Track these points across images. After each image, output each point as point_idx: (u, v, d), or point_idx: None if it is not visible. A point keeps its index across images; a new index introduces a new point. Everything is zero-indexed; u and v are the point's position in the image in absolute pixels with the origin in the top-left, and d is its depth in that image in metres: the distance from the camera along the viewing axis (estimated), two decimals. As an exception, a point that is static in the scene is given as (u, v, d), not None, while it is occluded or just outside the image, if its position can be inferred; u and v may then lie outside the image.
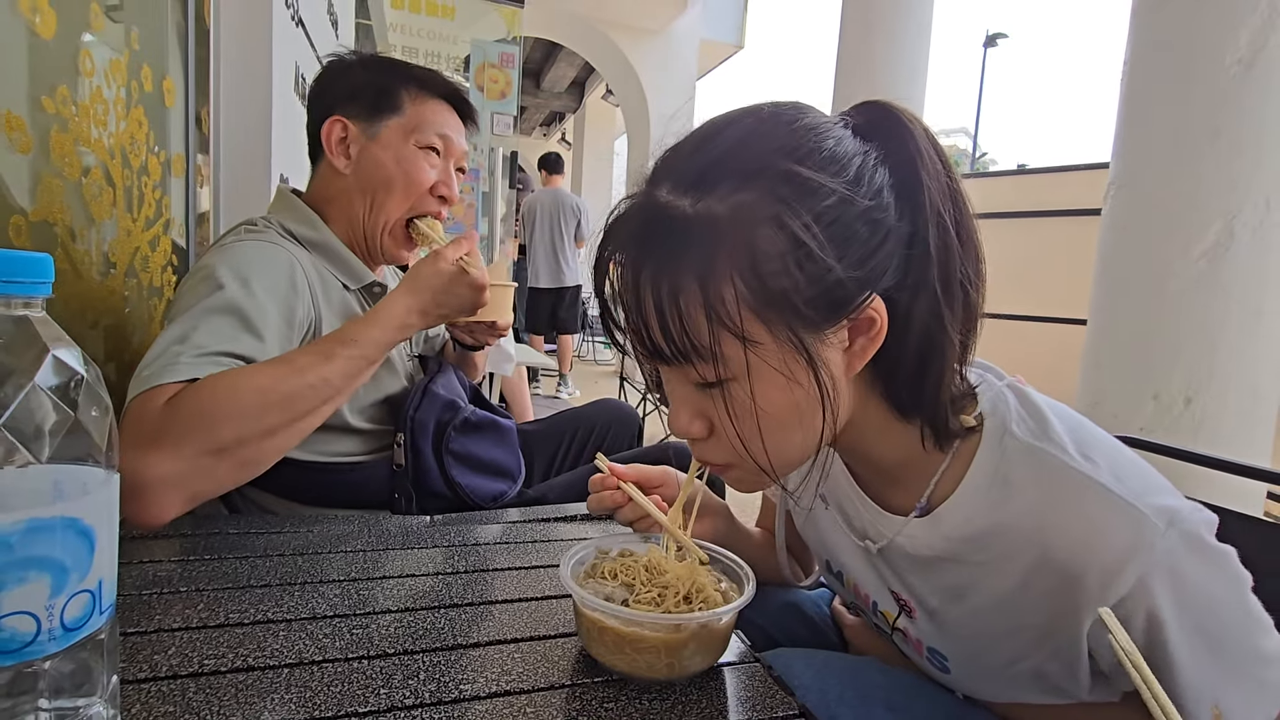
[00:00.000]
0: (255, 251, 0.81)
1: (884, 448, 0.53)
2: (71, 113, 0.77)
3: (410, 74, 0.96)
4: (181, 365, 0.65)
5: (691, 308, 0.43)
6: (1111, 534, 0.44)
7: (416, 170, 0.94)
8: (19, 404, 0.27)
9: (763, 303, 0.43)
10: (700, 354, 0.44)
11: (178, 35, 1.09)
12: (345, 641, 0.51)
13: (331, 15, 1.97)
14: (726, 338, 0.43)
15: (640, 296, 0.45)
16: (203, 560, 0.64)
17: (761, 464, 0.47)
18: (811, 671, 0.56)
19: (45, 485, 0.28)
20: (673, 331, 0.44)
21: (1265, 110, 1.57)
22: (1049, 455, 0.47)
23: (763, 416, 0.46)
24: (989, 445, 0.50)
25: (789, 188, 0.43)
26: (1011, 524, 0.48)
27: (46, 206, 0.73)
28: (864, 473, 0.59)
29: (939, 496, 0.52)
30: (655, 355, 0.46)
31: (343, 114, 0.92)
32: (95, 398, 0.30)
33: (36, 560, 0.27)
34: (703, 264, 0.43)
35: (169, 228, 1.06)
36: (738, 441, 0.47)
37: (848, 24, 3.43)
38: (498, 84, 3.47)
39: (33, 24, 0.70)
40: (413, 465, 0.93)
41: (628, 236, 0.47)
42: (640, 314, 0.45)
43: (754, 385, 0.45)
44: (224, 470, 0.65)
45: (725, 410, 0.46)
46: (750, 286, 0.43)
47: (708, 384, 0.46)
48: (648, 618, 0.46)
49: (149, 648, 0.48)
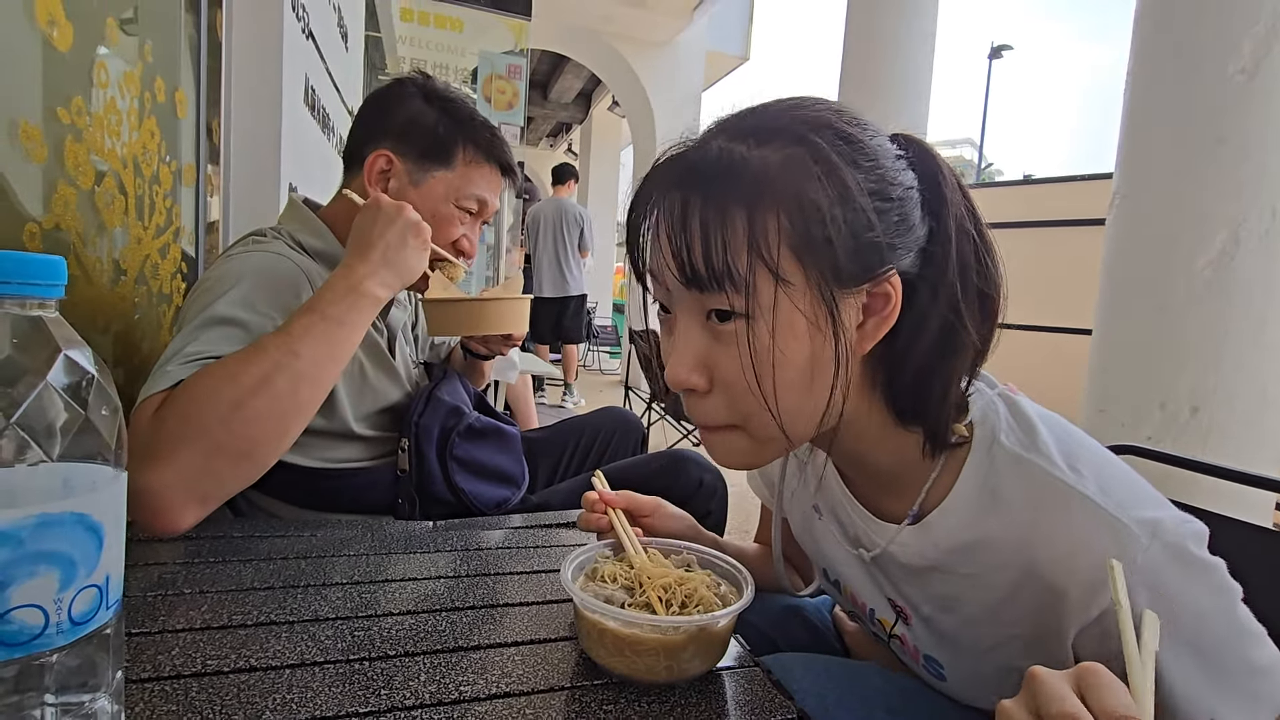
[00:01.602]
0: (258, 262, 0.81)
1: (880, 453, 0.53)
2: (86, 123, 0.78)
3: (472, 133, 0.95)
4: (169, 374, 0.66)
5: (735, 235, 0.45)
6: (1094, 547, 0.44)
7: (447, 228, 0.94)
8: (31, 402, 0.28)
9: (802, 244, 0.45)
10: (734, 281, 0.45)
11: (190, 47, 1.11)
12: (347, 643, 0.51)
13: (342, 28, 2.00)
14: (761, 270, 0.45)
15: (687, 222, 0.46)
16: (207, 563, 0.64)
17: (762, 422, 0.47)
18: (810, 676, 0.56)
19: (55, 482, 0.29)
20: (714, 254, 0.45)
21: (1269, 119, 1.57)
22: (1036, 466, 0.48)
23: (778, 361, 0.46)
24: (978, 455, 0.50)
25: (843, 148, 0.46)
26: (998, 536, 0.49)
27: (60, 214, 0.74)
28: (858, 480, 0.59)
29: (930, 505, 0.52)
30: (691, 281, 0.46)
31: (392, 149, 0.92)
32: (105, 397, 0.31)
33: (46, 555, 0.28)
34: (752, 198, 0.45)
35: (179, 236, 1.07)
36: (744, 392, 0.46)
37: (851, 36, 3.46)
38: (504, 95, 3.51)
39: (50, 36, 0.72)
40: (416, 471, 0.94)
41: (679, 174, 0.48)
42: (685, 237, 0.46)
43: (776, 324, 0.45)
44: (222, 466, 0.64)
45: (739, 351, 0.46)
46: (794, 227, 0.44)
47: (726, 318, 0.46)
48: (647, 620, 0.47)
49: (153, 648, 0.48)
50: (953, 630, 0.54)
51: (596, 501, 0.65)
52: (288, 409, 0.68)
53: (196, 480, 0.62)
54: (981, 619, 0.52)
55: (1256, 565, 0.78)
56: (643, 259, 0.51)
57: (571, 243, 4.91)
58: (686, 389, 0.49)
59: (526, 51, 3.58)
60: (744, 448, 0.51)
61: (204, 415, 0.63)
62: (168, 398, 0.64)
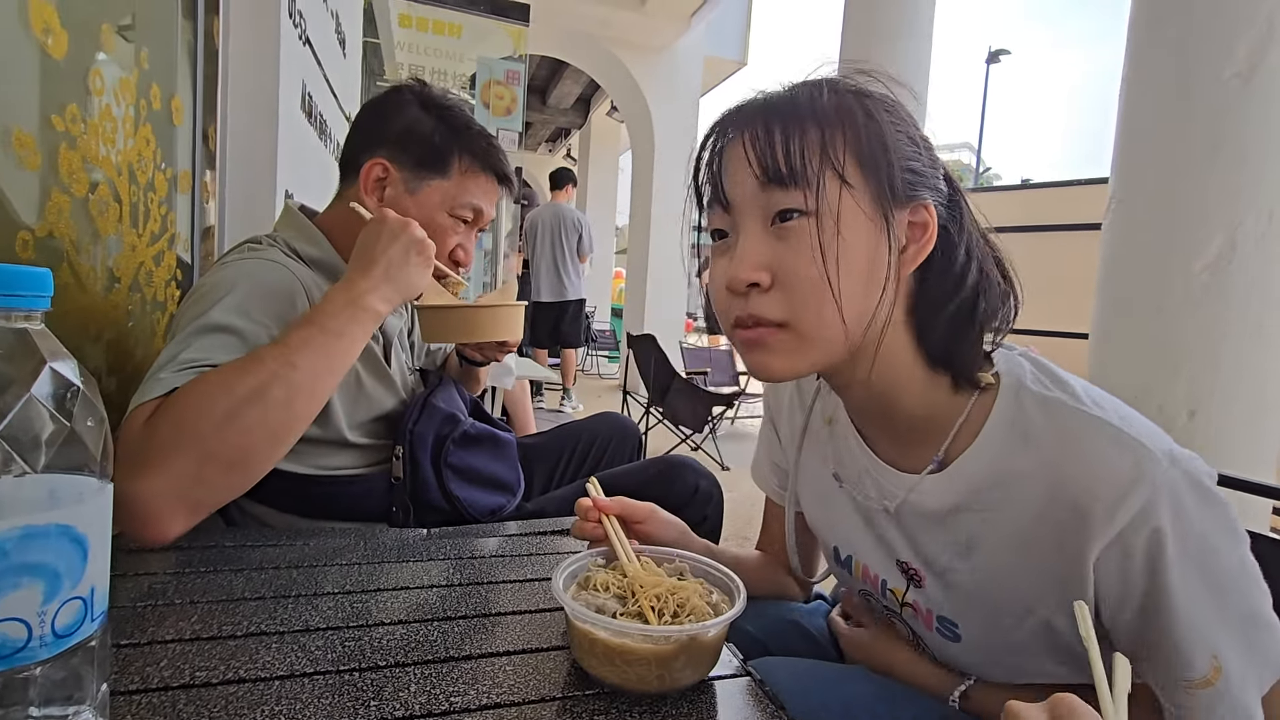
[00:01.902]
0: (253, 269, 0.81)
1: (910, 396, 0.57)
2: (80, 130, 0.78)
3: (468, 143, 0.95)
4: (161, 381, 0.65)
5: (810, 142, 0.52)
6: (1117, 464, 0.48)
7: (442, 237, 0.94)
8: (15, 414, 0.27)
9: (863, 156, 0.52)
10: (808, 179, 0.51)
11: (187, 54, 1.11)
12: (337, 654, 0.51)
13: (339, 34, 2.00)
14: (830, 171, 0.51)
15: (770, 133, 0.52)
16: (198, 573, 0.64)
17: (817, 317, 0.52)
18: (795, 679, 0.56)
19: (40, 493, 0.29)
20: (793, 154, 0.51)
21: (1265, 123, 1.58)
22: (1061, 402, 0.52)
23: (841, 253, 0.51)
24: (1005, 398, 0.55)
25: (889, 102, 0.55)
26: (1025, 469, 0.52)
27: (53, 222, 0.74)
28: (880, 437, 0.63)
29: (955, 451, 0.56)
30: (772, 179, 0.52)
31: (388, 157, 0.92)
32: (91, 409, 0.30)
33: (30, 567, 0.28)
34: (823, 118, 0.52)
35: (174, 243, 1.07)
36: (797, 285, 0.51)
37: (848, 42, 3.47)
38: (503, 100, 3.52)
39: (45, 44, 0.72)
40: (411, 478, 0.93)
41: (757, 110, 0.55)
42: (768, 142, 0.52)
43: (841, 220, 0.51)
44: (214, 475, 0.63)
45: (800, 249, 0.51)
46: (857, 141, 0.52)
47: (789, 217, 0.52)
48: (637, 630, 0.47)
49: (141, 659, 0.48)
50: (971, 577, 0.56)
51: (590, 509, 0.64)
52: (282, 419, 0.67)
53: (187, 489, 0.62)
54: (1004, 554, 0.54)
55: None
56: (709, 190, 0.57)
57: (570, 248, 4.92)
58: (750, 284, 0.53)
59: (525, 57, 3.59)
60: (789, 348, 0.54)
61: (198, 423, 0.63)
62: (161, 405, 0.64)
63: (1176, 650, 0.48)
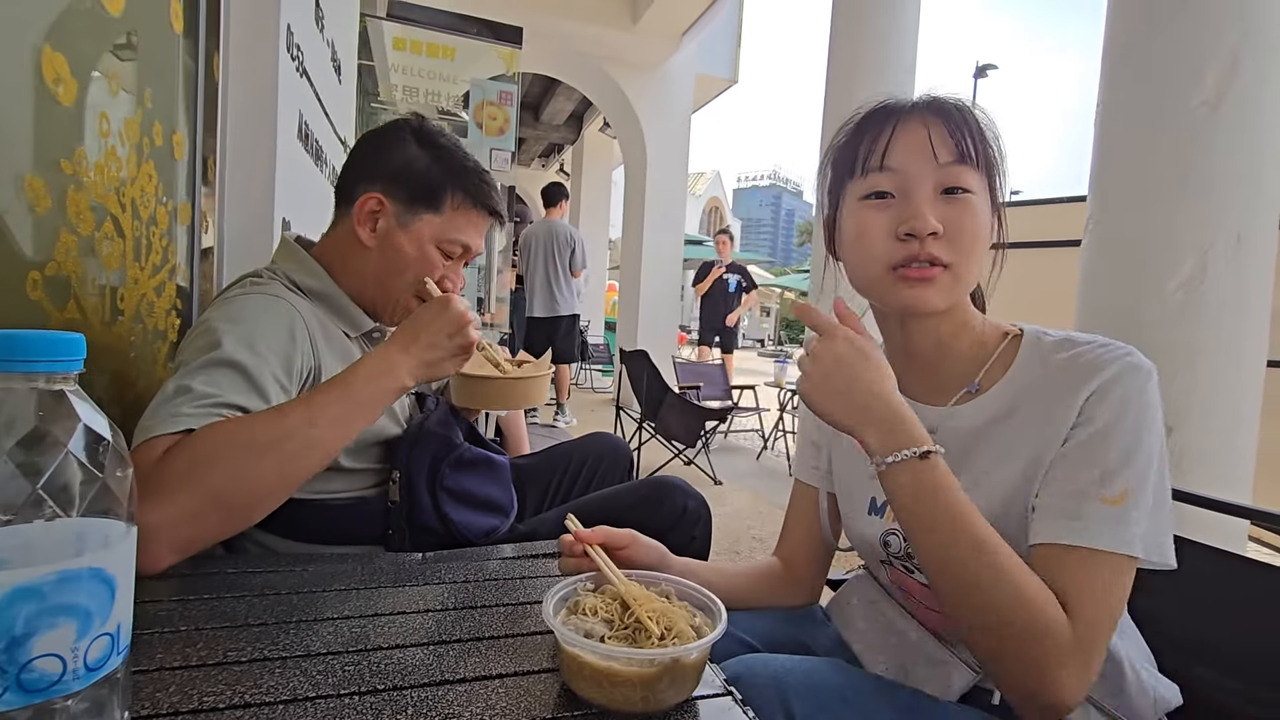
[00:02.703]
0: (256, 305, 0.84)
1: (965, 333, 0.74)
2: (86, 171, 0.82)
3: (462, 181, 0.99)
4: (179, 417, 0.68)
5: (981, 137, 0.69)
6: (1109, 350, 0.65)
7: (429, 268, 0.98)
8: (55, 469, 0.30)
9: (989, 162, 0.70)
10: (984, 165, 0.69)
11: (188, 90, 1.15)
12: (338, 678, 0.53)
13: (335, 62, 2.05)
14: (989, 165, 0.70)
15: (963, 124, 0.68)
16: (201, 599, 0.67)
17: (969, 263, 0.68)
18: (769, 672, 0.60)
19: (73, 538, 0.32)
20: (978, 146, 0.69)
21: (1232, 151, 1.64)
22: (1075, 336, 0.69)
23: (981, 227, 0.68)
24: (1030, 339, 0.72)
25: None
26: (1042, 377, 0.68)
27: (61, 260, 0.77)
28: (920, 374, 0.76)
29: (988, 381, 0.71)
30: (962, 158, 0.68)
31: (383, 191, 0.95)
32: (119, 460, 0.33)
33: (65, 607, 0.31)
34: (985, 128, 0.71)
35: (174, 273, 1.10)
36: (964, 238, 0.67)
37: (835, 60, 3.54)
38: (496, 121, 3.57)
39: (55, 93, 0.75)
40: (407, 502, 0.96)
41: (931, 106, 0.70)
42: (963, 134, 0.68)
43: (994, 203, 0.70)
44: (216, 517, 0.67)
45: (965, 212, 0.67)
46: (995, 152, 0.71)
47: (958, 190, 0.68)
48: (622, 653, 0.49)
49: (150, 686, 0.51)
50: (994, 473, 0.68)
51: (574, 543, 0.68)
52: (291, 472, 0.71)
53: (186, 527, 0.65)
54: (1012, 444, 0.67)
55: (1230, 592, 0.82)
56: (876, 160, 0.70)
57: (562, 263, 4.96)
58: (930, 233, 0.67)
59: (518, 77, 3.65)
60: (947, 284, 0.68)
61: (213, 468, 0.66)
62: (180, 442, 0.67)
63: (1105, 471, 0.61)
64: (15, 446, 0.30)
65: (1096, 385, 0.63)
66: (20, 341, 0.31)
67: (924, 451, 0.60)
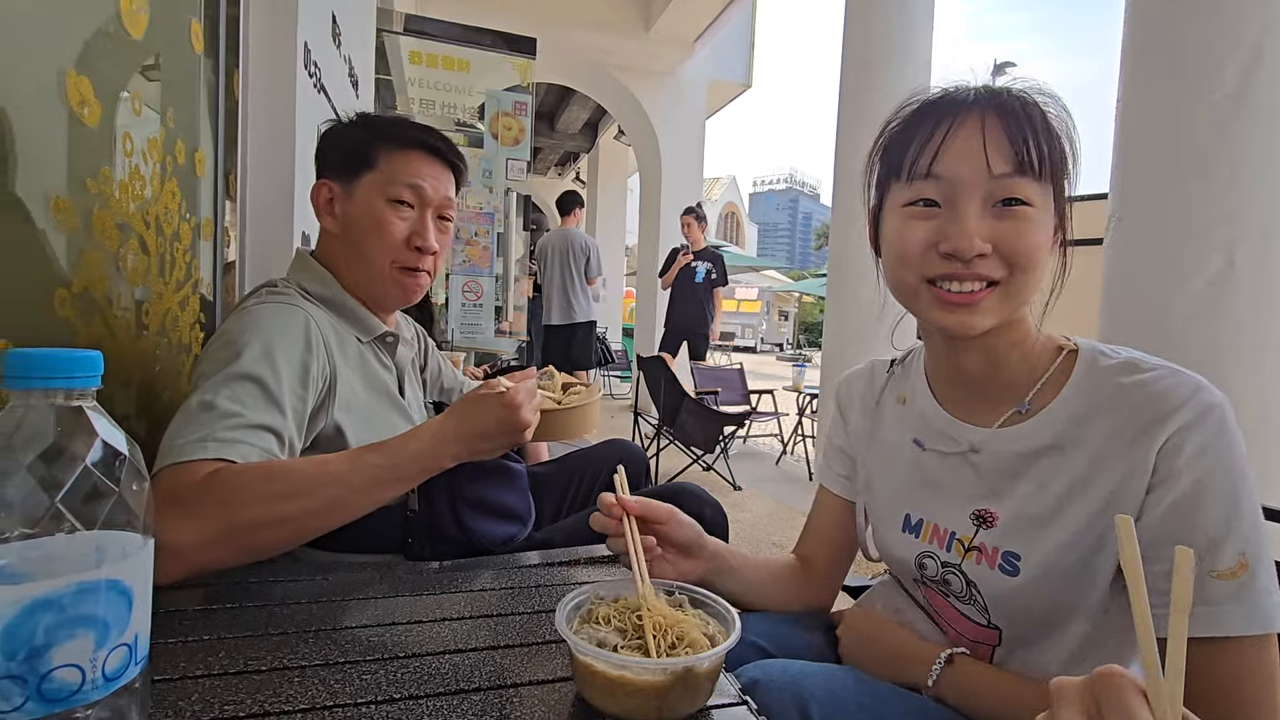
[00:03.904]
0: (272, 314, 0.86)
1: (1016, 351, 0.68)
2: (112, 190, 0.84)
3: (387, 131, 0.99)
4: (211, 442, 0.70)
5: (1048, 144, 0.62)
6: (1179, 384, 0.58)
7: (385, 224, 0.96)
8: (73, 482, 0.31)
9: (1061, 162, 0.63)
10: (1039, 174, 0.61)
11: (209, 108, 1.17)
12: (355, 687, 0.54)
13: (352, 77, 2.08)
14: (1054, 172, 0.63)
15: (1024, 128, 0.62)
16: (224, 609, 0.68)
17: (1024, 279, 0.63)
18: (787, 677, 0.59)
19: (91, 551, 0.33)
20: (1043, 155, 0.61)
21: (1256, 143, 1.60)
22: (1135, 356, 0.63)
23: (1042, 240, 0.63)
24: (1086, 355, 0.66)
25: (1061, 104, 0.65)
26: (1104, 403, 0.62)
27: (88, 278, 0.79)
28: (965, 393, 0.72)
29: (1040, 400, 0.66)
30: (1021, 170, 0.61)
31: (329, 177, 0.98)
32: (135, 474, 0.34)
33: (84, 619, 0.31)
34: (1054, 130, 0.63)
35: (198, 287, 1.12)
36: (1018, 256, 0.62)
37: (849, 61, 3.53)
38: (511, 131, 3.60)
39: (80, 115, 0.77)
40: (426, 511, 0.97)
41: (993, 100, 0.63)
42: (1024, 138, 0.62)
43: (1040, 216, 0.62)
44: (230, 551, 0.69)
45: (1022, 228, 0.62)
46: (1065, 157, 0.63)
47: (1015, 203, 0.62)
48: (635, 663, 0.49)
49: (174, 694, 0.51)
50: (1041, 506, 0.63)
51: (614, 505, 0.68)
52: (316, 526, 0.74)
53: (206, 552, 0.67)
54: (1074, 479, 0.62)
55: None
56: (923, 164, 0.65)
57: (578, 271, 4.98)
58: (976, 255, 0.62)
59: (532, 87, 3.68)
60: (995, 304, 0.64)
61: (242, 511, 0.68)
62: (218, 473, 0.69)
63: (1210, 542, 0.53)
64: (35, 461, 0.31)
65: (1171, 434, 0.57)
66: (39, 359, 0.31)
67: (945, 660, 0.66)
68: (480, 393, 0.84)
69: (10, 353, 0.32)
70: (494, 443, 0.85)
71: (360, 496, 0.75)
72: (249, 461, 0.72)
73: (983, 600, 0.67)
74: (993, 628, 0.67)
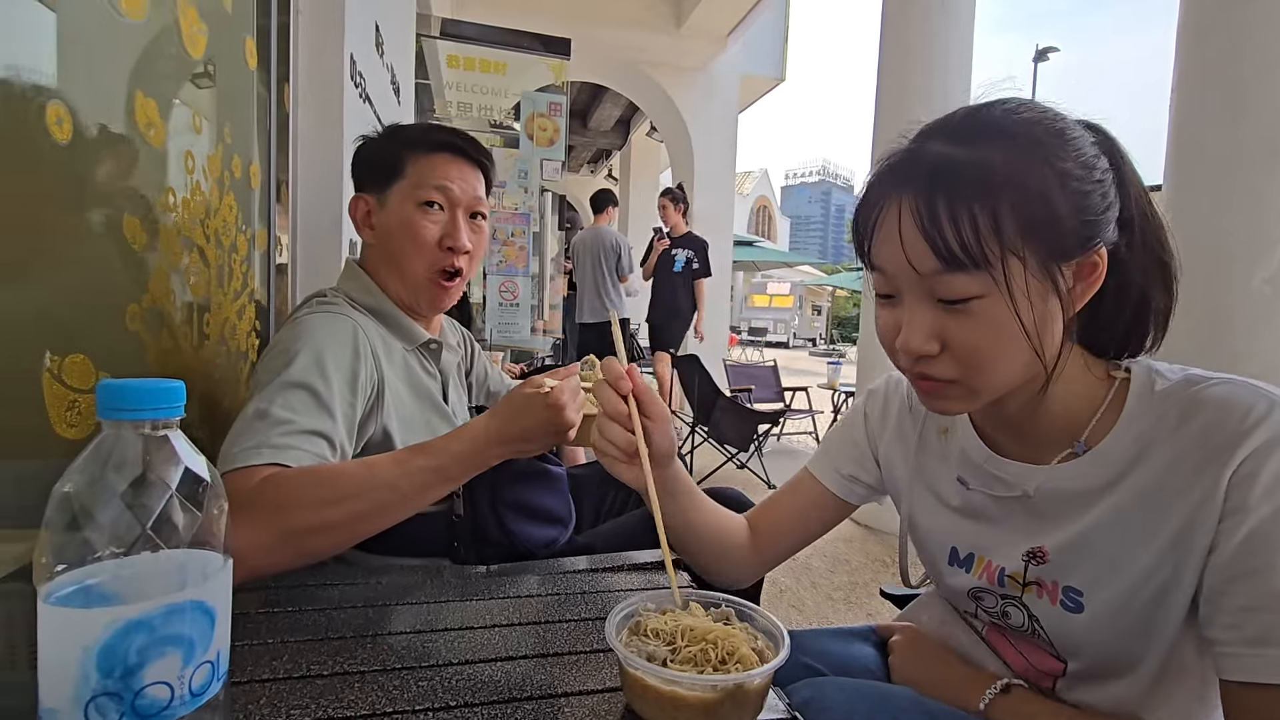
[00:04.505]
0: (322, 324, 0.89)
1: (1063, 400, 0.61)
2: (176, 207, 0.87)
3: (411, 138, 1.01)
4: (265, 449, 0.73)
5: (980, 225, 0.52)
6: (1247, 401, 0.53)
7: (417, 229, 0.98)
8: (161, 510, 0.33)
9: (1030, 228, 0.52)
10: (976, 265, 0.52)
11: (262, 123, 1.21)
12: (412, 694, 0.55)
13: (394, 85, 2.13)
14: (1001, 251, 0.52)
15: (935, 216, 0.53)
16: (285, 612, 0.70)
17: (985, 378, 0.56)
18: (843, 696, 0.59)
19: (177, 572, 0.35)
20: (966, 241, 0.52)
21: (1328, 133, 1.52)
22: (1194, 372, 0.58)
23: (1012, 331, 0.54)
24: (1140, 379, 0.60)
25: (1055, 141, 0.54)
26: (1165, 430, 0.56)
27: (156, 292, 0.83)
28: (1011, 434, 0.66)
29: (1096, 435, 0.60)
30: (949, 264, 0.53)
31: (364, 191, 1.01)
32: (216, 498, 0.36)
33: (172, 638, 0.33)
34: (985, 192, 0.52)
35: (253, 297, 1.17)
36: (972, 355, 0.55)
37: (886, 53, 3.46)
38: (546, 132, 3.63)
39: (147, 136, 0.81)
40: (470, 515, 0.99)
41: (907, 176, 0.56)
42: (937, 229, 0.53)
43: (1014, 297, 0.53)
44: (286, 555, 0.71)
45: (970, 325, 0.54)
46: (1023, 213, 0.52)
47: (958, 301, 0.54)
48: (685, 678, 0.50)
49: (244, 698, 0.54)
50: (1104, 543, 0.59)
51: (622, 378, 0.67)
52: (364, 529, 0.75)
53: (261, 557, 0.69)
54: (1137, 514, 0.57)
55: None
56: (864, 253, 0.60)
57: (609, 269, 4.99)
58: (921, 355, 0.57)
59: (566, 87, 3.70)
60: (961, 395, 0.59)
61: (294, 515, 0.70)
62: (270, 478, 0.71)
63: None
64: (126, 489, 0.33)
65: (1242, 459, 0.51)
66: (129, 391, 0.33)
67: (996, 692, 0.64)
68: (525, 392, 0.84)
69: (101, 385, 0.34)
70: (537, 443, 0.85)
71: (408, 498, 0.76)
72: (302, 466, 0.74)
73: (1046, 635, 0.65)
74: (1060, 659, 0.65)
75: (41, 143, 0.63)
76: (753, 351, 11.36)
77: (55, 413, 0.65)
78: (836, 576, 2.73)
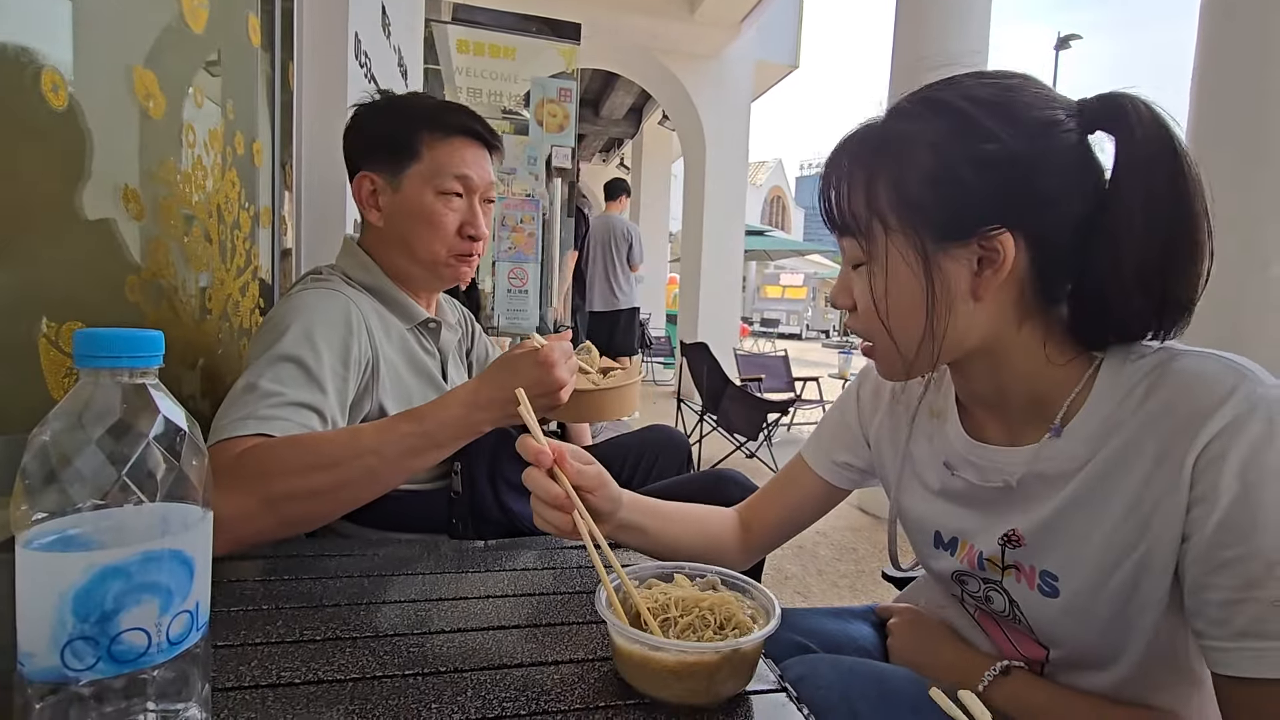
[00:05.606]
0: (313, 299, 0.88)
1: (1034, 381, 0.60)
2: (177, 180, 0.88)
3: (425, 118, 0.98)
4: (251, 419, 0.73)
5: (855, 194, 0.57)
6: (1217, 377, 0.50)
7: (439, 218, 0.97)
8: (138, 457, 0.33)
9: (905, 205, 0.55)
10: (853, 231, 0.57)
11: (266, 99, 1.21)
12: (403, 659, 0.56)
13: (401, 67, 2.12)
14: (874, 223, 0.56)
15: (831, 180, 0.58)
16: (282, 580, 0.71)
17: (884, 345, 0.59)
18: (836, 674, 0.58)
19: (155, 522, 0.35)
20: (843, 208, 0.57)
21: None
22: (1169, 348, 0.56)
23: (891, 299, 0.57)
24: (1114, 357, 0.57)
25: (957, 125, 0.54)
26: (1133, 404, 0.54)
27: (155, 264, 0.83)
28: (991, 415, 0.66)
29: (1069, 416, 0.58)
30: (832, 227, 0.59)
31: (368, 169, 0.98)
32: (195, 450, 0.36)
33: (149, 585, 0.33)
34: (873, 164, 0.56)
35: (257, 273, 1.17)
36: (872, 319, 0.59)
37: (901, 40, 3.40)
38: (556, 118, 3.61)
39: (146, 108, 0.81)
40: (469, 493, 0.99)
41: (841, 142, 0.60)
42: (828, 192, 0.59)
43: (889, 269, 0.56)
44: (269, 523, 0.71)
45: (865, 287, 0.58)
46: (897, 191, 0.55)
47: (856, 266, 0.59)
48: (674, 645, 0.49)
49: (236, 660, 0.54)
50: (1077, 525, 0.58)
51: (543, 453, 0.60)
52: (348, 497, 0.74)
53: (243, 525, 0.69)
54: (1108, 492, 0.56)
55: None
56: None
57: (620, 258, 4.98)
58: (840, 309, 0.62)
59: (576, 73, 3.68)
60: (885, 360, 0.62)
61: (276, 482, 0.70)
62: (254, 447, 0.71)
63: (1269, 566, 0.47)
64: (104, 436, 0.33)
65: (1207, 441, 0.49)
66: (105, 339, 0.33)
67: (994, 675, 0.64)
68: (513, 353, 0.83)
69: (78, 333, 0.33)
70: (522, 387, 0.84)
71: (393, 464, 0.75)
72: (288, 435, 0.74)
73: (1025, 621, 0.64)
74: (1042, 646, 0.64)
75: (37, 108, 0.63)
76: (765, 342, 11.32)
77: (53, 379, 0.65)
78: (843, 564, 2.72)
